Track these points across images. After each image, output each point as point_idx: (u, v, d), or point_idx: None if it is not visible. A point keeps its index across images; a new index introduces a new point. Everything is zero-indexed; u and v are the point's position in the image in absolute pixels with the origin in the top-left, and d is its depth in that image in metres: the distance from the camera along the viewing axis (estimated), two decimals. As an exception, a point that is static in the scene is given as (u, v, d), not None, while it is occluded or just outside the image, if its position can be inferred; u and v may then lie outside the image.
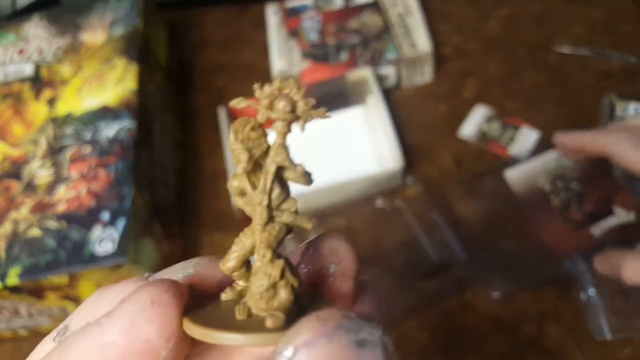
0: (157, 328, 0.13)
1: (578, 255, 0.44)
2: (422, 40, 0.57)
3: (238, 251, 0.16)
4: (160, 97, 0.56)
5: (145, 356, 0.13)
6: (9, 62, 0.55)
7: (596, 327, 0.42)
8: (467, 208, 0.50)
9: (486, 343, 0.44)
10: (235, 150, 0.15)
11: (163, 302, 0.14)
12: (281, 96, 0.15)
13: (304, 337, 0.12)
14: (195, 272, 0.16)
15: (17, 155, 0.48)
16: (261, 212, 0.15)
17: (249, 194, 0.15)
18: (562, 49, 0.57)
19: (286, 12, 0.63)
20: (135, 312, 0.13)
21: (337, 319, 0.12)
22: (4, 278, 0.41)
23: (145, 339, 0.13)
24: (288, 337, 0.12)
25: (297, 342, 0.12)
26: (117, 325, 0.13)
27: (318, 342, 0.11)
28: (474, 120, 0.54)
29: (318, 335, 0.12)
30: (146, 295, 0.14)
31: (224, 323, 0.14)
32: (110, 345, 0.13)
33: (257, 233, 0.15)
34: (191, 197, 0.56)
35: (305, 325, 0.12)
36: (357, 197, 0.51)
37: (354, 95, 0.57)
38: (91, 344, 0.13)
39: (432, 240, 0.48)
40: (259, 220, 0.15)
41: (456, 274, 0.46)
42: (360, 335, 0.12)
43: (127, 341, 0.13)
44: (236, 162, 0.15)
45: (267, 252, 0.15)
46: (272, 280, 0.14)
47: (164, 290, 0.14)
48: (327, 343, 0.11)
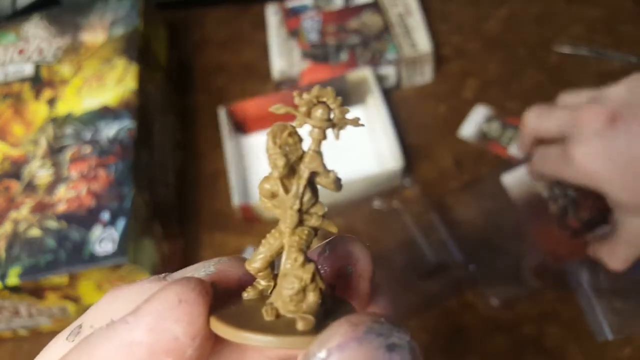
0: (184, 326, 0.13)
1: (576, 263, 0.44)
2: (422, 40, 0.57)
3: (264, 252, 0.16)
4: (160, 97, 0.56)
5: (171, 354, 0.13)
6: (9, 62, 0.55)
7: (597, 327, 0.42)
8: (465, 210, 0.50)
9: (486, 343, 0.44)
10: (273, 155, 0.15)
11: (190, 301, 0.14)
12: (319, 104, 0.15)
13: (337, 341, 0.12)
14: (216, 270, 0.16)
15: (17, 155, 0.48)
16: (292, 215, 0.15)
17: (280, 197, 0.15)
18: (562, 49, 0.57)
19: (286, 12, 0.63)
20: (163, 311, 0.13)
21: (368, 323, 0.12)
22: (4, 278, 0.41)
23: (173, 337, 0.13)
24: (321, 340, 0.12)
25: (330, 345, 0.12)
26: (144, 324, 0.13)
27: (350, 345, 0.12)
28: (474, 121, 0.54)
29: (350, 339, 0.12)
30: (173, 293, 0.14)
31: (251, 323, 0.14)
32: (137, 344, 0.13)
33: (286, 236, 0.15)
34: (191, 197, 0.56)
35: (338, 329, 0.12)
36: (356, 198, 0.51)
37: (354, 95, 0.57)
38: (117, 343, 0.13)
39: (430, 241, 0.48)
40: (289, 223, 0.15)
41: (455, 275, 0.46)
42: (390, 339, 0.12)
43: (154, 339, 0.13)
44: (272, 167, 0.15)
45: (299, 255, 0.15)
46: (303, 283, 0.15)
47: (190, 289, 0.14)
48: (359, 347, 0.12)
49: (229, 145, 0.53)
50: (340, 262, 0.16)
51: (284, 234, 0.15)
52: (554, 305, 0.44)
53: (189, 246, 0.52)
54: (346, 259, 0.16)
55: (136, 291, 0.16)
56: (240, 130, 0.57)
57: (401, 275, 0.47)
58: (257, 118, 0.56)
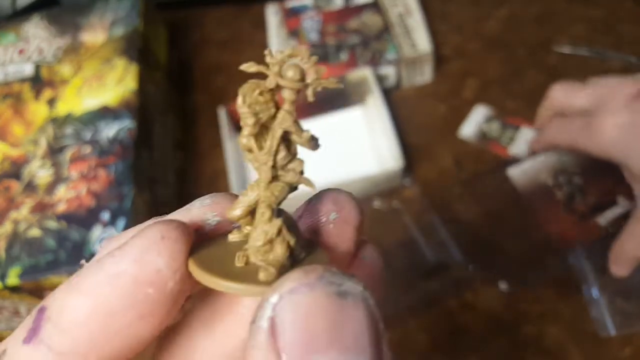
0: (166, 260, 0.14)
1: (586, 245, 0.44)
2: (422, 40, 0.57)
3: (243, 202, 0.16)
4: (160, 97, 0.56)
5: (154, 285, 0.14)
6: (9, 62, 0.55)
7: (600, 323, 0.42)
8: (467, 208, 0.50)
9: (486, 343, 0.44)
10: (243, 113, 0.15)
11: (172, 237, 0.15)
12: (291, 64, 0.15)
13: (289, 286, 0.13)
14: (212, 202, 0.17)
15: (17, 155, 0.48)
16: (265, 171, 0.16)
17: (255, 153, 0.16)
18: (562, 49, 0.57)
19: (286, 12, 0.63)
20: (146, 245, 0.14)
21: (320, 271, 0.13)
22: (4, 278, 0.41)
23: (155, 268, 0.14)
24: (275, 287, 0.13)
25: (282, 291, 0.13)
26: (128, 256, 0.14)
27: (301, 290, 0.12)
28: (474, 120, 0.54)
29: (301, 284, 0.12)
30: (156, 230, 0.15)
31: (223, 268, 0.15)
32: (122, 274, 0.14)
33: (260, 190, 0.16)
34: (191, 197, 0.55)
35: (290, 275, 0.13)
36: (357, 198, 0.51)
37: (354, 95, 0.57)
38: (105, 274, 0.14)
39: (430, 241, 0.48)
40: (262, 179, 0.16)
41: (455, 275, 0.46)
42: (341, 287, 0.13)
43: (138, 270, 0.14)
44: (243, 125, 0.16)
45: (266, 210, 0.15)
46: (268, 237, 0.15)
47: (173, 227, 0.15)
48: (310, 291, 0.12)
49: (229, 145, 0.53)
50: (325, 208, 0.17)
51: (259, 187, 0.16)
52: (554, 305, 0.44)
53: (189, 246, 0.52)
54: (332, 206, 0.17)
55: (130, 232, 0.17)
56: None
57: (401, 275, 0.47)
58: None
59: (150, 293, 0.14)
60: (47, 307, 0.15)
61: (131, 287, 0.14)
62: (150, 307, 0.14)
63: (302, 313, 0.12)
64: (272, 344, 0.12)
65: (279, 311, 0.12)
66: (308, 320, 0.12)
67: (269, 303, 0.12)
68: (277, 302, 0.12)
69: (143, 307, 0.14)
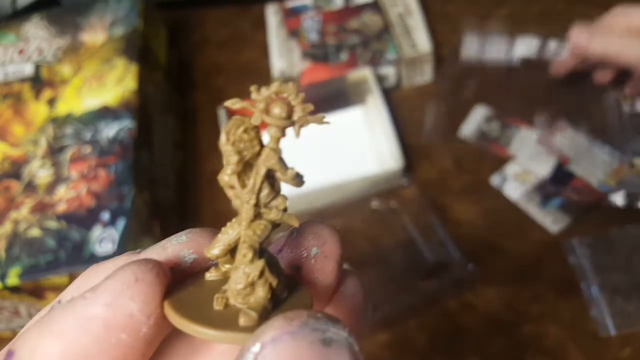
0: (140, 304, 0.14)
1: (586, 243, 0.44)
2: (422, 40, 0.57)
3: (223, 241, 0.16)
4: (160, 97, 0.56)
5: (126, 330, 0.14)
6: (9, 62, 0.55)
7: (600, 323, 0.42)
8: (466, 208, 0.50)
9: (486, 343, 0.44)
10: (226, 151, 0.15)
11: (146, 280, 0.14)
12: (278, 100, 0.15)
13: (271, 335, 0.12)
14: (188, 239, 0.17)
15: (17, 155, 0.48)
16: (247, 210, 0.15)
17: (237, 190, 0.15)
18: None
19: (286, 12, 0.63)
20: (119, 288, 0.14)
21: (304, 318, 0.12)
22: (4, 278, 0.41)
23: (128, 313, 0.14)
24: (256, 334, 0.12)
25: (264, 339, 0.12)
26: (101, 300, 0.14)
27: (283, 339, 0.12)
28: (473, 120, 0.54)
29: (284, 332, 0.12)
30: (130, 272, 0.14)
31: (201, 312, 0.15)
32: (93, 319, 0.14)
33: (242, 228, 0.15)
34: (191, 197, 0.56)
35: (273, 323, 0.12)
36: (356, 198, 0.51)
37: (354, 95, 0.57)
38: (76, 317, 0.14)
39: (429, 241, 0.48)
40: (244, 217, 0.15)
41: (455, 275, 0.46)
42: (326, 334, 0.12)
43: (110, 315, 0.14)
44: (225, 163, 0.15)
45: (248, 252, 0.15)
46: (250, 279, 0.15)
47: (148, 269, 0.14)
48: (292, 340, 0.12)
49: (229, 145, 0.53)
50: (307, 243, 0.17)
51: (241, 225, 0.15)
52: (554, 305, 0.44)
53: (189, 246, 0.52)
54: (313, 241, 0.17)
55: (112, 267, 0.16)
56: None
57: (400, 275, 0.47)
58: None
59: (123, 338, 0.14)
60: (15, 351, 0.14)
61: (103, 331, 0.14)
62: (124, 352, 0.14)
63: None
64: None
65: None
66: None
67: (250, 352, 0.12)
68: (259, 352, 0.12)
69: (116, 351, 0.14)
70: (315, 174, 0.51)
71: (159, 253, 0.16)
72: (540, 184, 0.49)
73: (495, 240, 0.48)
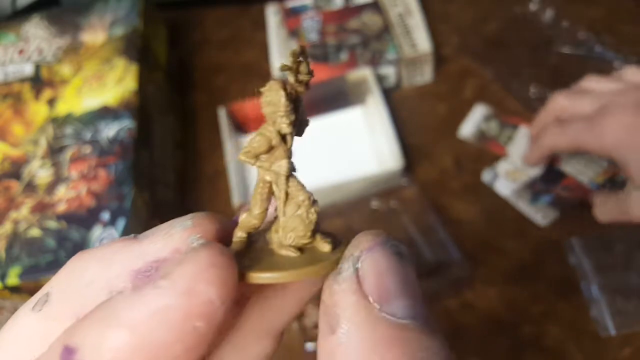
0: (218, 289, 0.14)
1: (585, 242, 0.45)
2: (422, 40, 0.57)
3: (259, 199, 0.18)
4: (160, 97, 0.56)
5: (204, 318, 0.14)
6: (9, 62, 0.55)
7: (600, 323, 0.42)
8: (466, 208, 0.50)
9: (486, 343, 0.44)
10: (287, 109, 0.17)
11: (219, 264, 0.14)
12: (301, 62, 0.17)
13: (367, 244, 0.16)
14: (194, 224, 0.16)
15: (17, 155, 0.48)
16: (288, 163, 0.17)
17: (275, 150, 0.17)
18: (562, 49, 0.57)
19: (286, 12, 0.63)
20: (197, 274, 0.14)
21: (384, 236, 0.16)
22: (4, 278, 0.41)
23: (207, 300, 0.14)
24: (354, 245, 0.16)
25: (362, 247, 0.16)
26: (178, 287, 0.13)
27: (376, 249, 0.15)
28: (472, 120, 0.54)
29: (376, 243, 0.16)
30: (205, 257, 0.14)
31: (281, 264, 0.16)
32: (170, 307, 0.13)
33: (282, 182, 0.17)
34: (191, 197, 0.56)
35: (366, 236, 0.16)
36: (356, 198, 0.51)
37: (354, 95, 0.57)
38: (149, 307, 0.13)
39: (428, 241, 0.48)
40: (286, 171, 0.17)
41: (455, 275, 0.46)
42: (399, 248, 0.16)
43: (188, 303, 0.13)
44: (285, 120, 0.17)
45: (305, 199, 0.17)
46: (310, 199, 0.17)
47: (219, 253, 0.14)
48: (382, 250, 0.15)
49: (229, 145, 0.53)
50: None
51: (279, 181, 0.17)
52: (554, 305, 0.44)
53: (189, 246, 0.52)
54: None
55: (110, 252, 0.16)
56: (240, 130, 0.57)
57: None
58: (257, 118, 0.56)
59: (199, 326, 0.13)
60: (77, 347, 0.13)
61: (181, 320, 0.13)
62: (198, 340, 0.14)
63: (379, 266, 0.15)
64: (359, 289, 0.15)
65: (362, 263, 0.15)
66: (383, 272, 0.15)
67: (353, 257, 0.15)
68: (359, 256, 0.15)
69: (190, 340, 0.13)
70: (315, 174, 0.51)
71: (165, 241, 0.16)
72: (530, 182, 0.49)
73: (496, 240, 0.48)
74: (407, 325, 0.14)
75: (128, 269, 0.15)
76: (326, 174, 0.49)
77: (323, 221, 0.18)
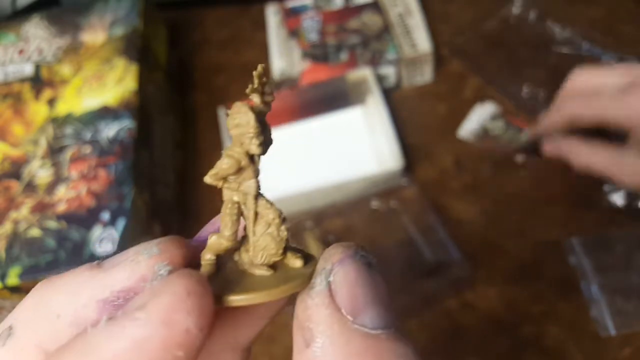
0: (195, 318, 0.14)
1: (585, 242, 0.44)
2: (422, 40, 0.57)
3: (229, 220, 0.18)
4: (160, 97, 0.56)
5: (182, 347, 0.14)
6: (9, 62, 0.55)
7: (600, 323, 0.42)
8: (466, 208, 0.50)
9: (486, 343, 0.44)
10: (256, 129, 0.17)
11: (197, 293, 0.14)
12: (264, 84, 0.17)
13: (337, 257, 0.16)
14: (160, 251, 0.16)
15: (17, 155, 0.48)
16: (256, 183, 0.17)
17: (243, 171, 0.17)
18: (562, 49, 0.57)
19: (286, 12, 0.63)
20: (173, 305, 0.14)
21: (354, 247, 0.16)
22: (4, 278, 0.41)
23: (185, 329, 0.14)
24: (325, 258, 0.16)
25: (333, 260, 0.16)
26: (156, 318, 0.13)
27: (346, 261, 0.16)
28: (477, 117, 0.54)
29: (346, 256, 0.16)
30: (182, 286, 0.14)
31: (254, 285, 0.17)
32: (149, 339, 0.13)
33: (250, 200, 0.17)
34: (191, 197, 0.56)
35: (336, 249, 0.16)
36: (356, 198, 0.51)
37: (354, 95, 0.57)
38: (127, 340, 0.13)
39: (428, 240, 0.48)
40: (254, 190, 0.17)
41: (455, 275, 0.46)
42: (368, 259, 0.16)
43: (167, 333, 0.13)
44: (253, 141, 0.17)
45: (275, 217, 0.17)
46: (280, 216, 0.17)
47: (196, 281, 0.14)
48: (352, 262, 0.16)
49: (228, 145, 0.53)
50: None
51: (247, 201, 0.17)
52: (554, 305, 0.44)
53: (189, 246, 0.52)
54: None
55: (76, 281, 0.16)
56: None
57: (400, 276, 0.47)
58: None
59: (179, 355, 0.13)
60: None
61: (160, 351, 0.13)
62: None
63: (350, 278, 0.15)
64: (332, 302, 0.15)
65: (334, 276, 0.15)
66: (354, 283, 0.15)
67: (324, 271, 0.16)
68: (331, 269, 0.16)
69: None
70: (315, 174, 0.51)
71: (132, 268, 0.16)
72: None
73: (495, 240, 0.48)
74: (380, 335, 0.15)
75: (95, 299, 0.15)
76: (326, 174, 0.49)
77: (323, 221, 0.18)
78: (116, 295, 0.15)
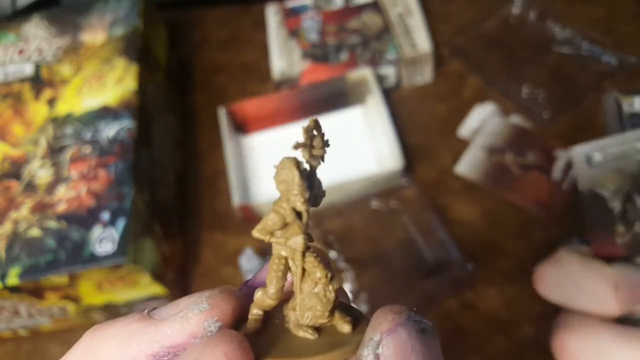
0: None
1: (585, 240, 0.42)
2: (422, 40, 0.57)
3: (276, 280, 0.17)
4: (160, 97, 0.56)
5: None
6: (9, 62, 0.55)
7: None
8: (466, 208, 0.50)
9: (486, 343, 0.44)
10: (301, 186, 0.17)
11: (236, 357, 0.14)
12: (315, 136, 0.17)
13: (387, 326, 0.15)
14: (210, 306, 0.16)
15: (17, 155, 0.48)
16: (304, 239, 0.17)
17: (290, 226, 0.17)
18: (562, 49, 0.57)
19: (286, 12, 0.63)
20: None
21: (406, 312, 0.16)
22: (4, 278, 0.41)
23: None
24: (374, 326, 0.15)
25: (382, 330, 0.15)
26: None
27: (397, 330, 0.15)
28: (477, 117, 0.54)
29: (397, 324, 0.15)
30: (220, 352, 0.14)
31: (300, 348, 0.16)
32: None
33: (298, 258, 0.17)
34: (191, 197, 0.56)
35: (386, 316, 0.15)
36: (356, 198, 0.51)
37: (354, 95, 0.57)
38: None
39: (428, 241, 0.48)
40: (302, 246, 0.17)
41: (455, 275, 0.46)
42: (422, 324, 0.16)
43: None
44: (299, 197, 0.17)
45: (323, 275, 0.16)
46: (328, 276, 0.16)
47: (236, 345, 0.15)
48: (404, 330, 0.15)
49: (229, 145, 0.53)
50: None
51: (295, 257, 0.17)
52: (554, 305, 0.44)
53: (189, 246, 0.52)
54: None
55: (126, 332, 0.16)
56: (240, 130, 0.57)
57: (400, 276, 0.47)
58: (257, 118, 0.56)
59: None
60: None
61: None
62: None
63: (401, 348, 0.15)
64: None
65: (382, 348, 0.15)
66: (405, 353, 0.15)
67: (373, 342, 0.15)
68: (380, 340, 0.15)
69: None
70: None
71: (182, 324, 0.16)
72: None
73: (495, 240, 0.48)
74: None
75: (145, 353, 0.15)
76: (326, 174, 0.49)
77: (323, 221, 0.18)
78: (166, 350, 0.16)
